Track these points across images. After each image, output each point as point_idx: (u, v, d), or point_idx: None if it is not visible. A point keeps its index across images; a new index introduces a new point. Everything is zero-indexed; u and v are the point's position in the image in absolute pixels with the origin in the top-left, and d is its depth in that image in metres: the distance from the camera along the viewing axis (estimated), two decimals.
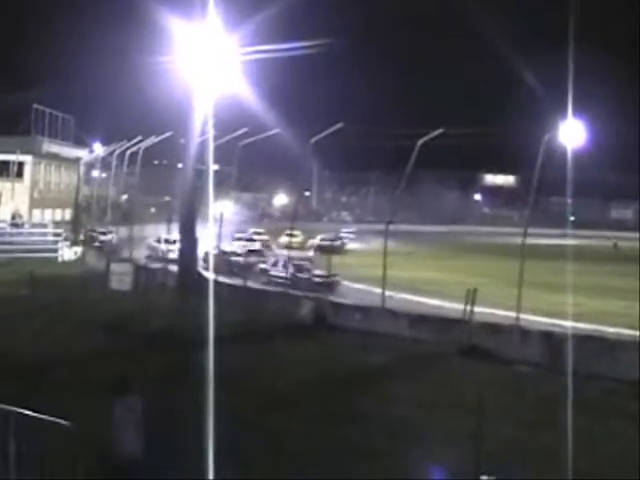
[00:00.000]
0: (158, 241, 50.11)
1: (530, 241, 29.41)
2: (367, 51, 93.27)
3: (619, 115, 68.87)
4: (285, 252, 44.20)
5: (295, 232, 54.91)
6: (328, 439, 15.58)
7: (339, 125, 38.50)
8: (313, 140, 39.61)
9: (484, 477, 12.17)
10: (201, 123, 34.65)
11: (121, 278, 37.89)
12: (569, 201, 51.55)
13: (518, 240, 29.56)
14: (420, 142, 33.34)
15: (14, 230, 54.11)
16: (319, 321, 29.36)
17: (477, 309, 26.55)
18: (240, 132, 44.99)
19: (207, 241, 37.47)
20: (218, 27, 31.08)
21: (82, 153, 72.25)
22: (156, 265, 42.17)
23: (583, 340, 22.98)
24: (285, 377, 20.46)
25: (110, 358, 21.07)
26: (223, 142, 42.41)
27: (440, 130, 33.60)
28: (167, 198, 55.46)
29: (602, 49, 69.00)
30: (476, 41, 72.06)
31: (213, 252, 37.98)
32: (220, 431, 12.48)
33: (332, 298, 32.77)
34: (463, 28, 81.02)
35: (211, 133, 31.38)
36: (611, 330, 25.77)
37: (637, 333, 24.37)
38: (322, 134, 39.00)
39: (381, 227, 34.50)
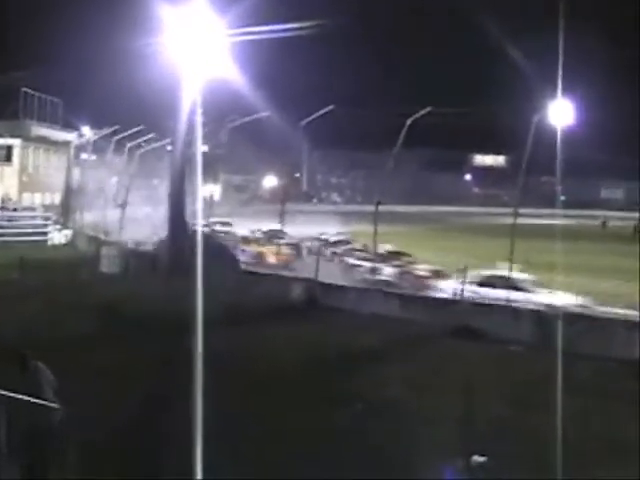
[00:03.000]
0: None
1: (521, 221, 29.40)
2: (357, 32, 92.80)
3: (609, 95, 68.92)
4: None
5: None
6: None
7: (330, 107, 38.39)
8: (304, 122, 39.47)
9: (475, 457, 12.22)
10: (190, 106, 34.44)
11: (111, 261, 37.82)
12: (559, 181, 51.53)
13: (509, 220, 29.56)
14: (409, 122, 33.26)
15: (3, 214, 53.80)
16: None
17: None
18: (230, 115, 44.77)
19: None
20: (207, 8, 30.86)
21: (71, 137, 71.81)
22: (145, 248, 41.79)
23: (574, 319, 23.08)
24: None
25: (98, 340, 21.29)
26: (213, 125, 42.15)
27: (428, 109, 33.51)
28: (155, 181, 54.77)
29: (592, 28, 68.87)
30: (465, 20, 71.77)
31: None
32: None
33: None
34: (452, 7, 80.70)
35: (199, 116, 31.18)
36: (601, 309, 25.86)
37: (627, 312, 24.52)
38: (312, 116, 38.89)
39: (370, 208, 34.37)
